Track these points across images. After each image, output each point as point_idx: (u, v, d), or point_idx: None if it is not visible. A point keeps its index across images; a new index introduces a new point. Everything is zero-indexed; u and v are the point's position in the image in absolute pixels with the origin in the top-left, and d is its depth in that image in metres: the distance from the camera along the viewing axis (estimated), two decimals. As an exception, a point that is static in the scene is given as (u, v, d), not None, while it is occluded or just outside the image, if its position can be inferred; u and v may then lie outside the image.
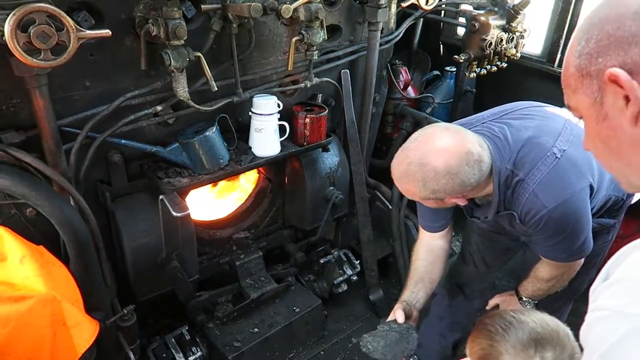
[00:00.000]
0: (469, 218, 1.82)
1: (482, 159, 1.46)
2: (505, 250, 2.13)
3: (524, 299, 1.89)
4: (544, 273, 1.77)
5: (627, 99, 0.74)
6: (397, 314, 1.78)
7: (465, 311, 2.31)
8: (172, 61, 1.66)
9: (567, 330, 1.10)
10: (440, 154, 1.42)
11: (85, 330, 1.37)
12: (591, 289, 0.73)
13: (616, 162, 0.84)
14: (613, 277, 0.70)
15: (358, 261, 2.91)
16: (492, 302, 2.05)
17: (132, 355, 1.78)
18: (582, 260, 1.69)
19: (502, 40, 2.69)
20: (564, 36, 2.81)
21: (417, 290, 1.88)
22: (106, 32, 1.35)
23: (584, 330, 0.70)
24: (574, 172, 1.51)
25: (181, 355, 2.23)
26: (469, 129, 1.55)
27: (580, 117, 0.86)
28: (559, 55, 2.87)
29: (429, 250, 1.94)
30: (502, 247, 2.12)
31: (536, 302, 1.88)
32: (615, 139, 0.80)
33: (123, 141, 1.83)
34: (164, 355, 2.22)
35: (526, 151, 1.54)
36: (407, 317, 1.79)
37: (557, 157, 1.51)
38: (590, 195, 1.56)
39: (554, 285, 1.79)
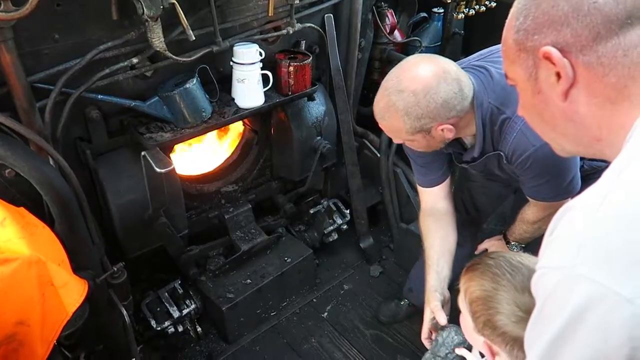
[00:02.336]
0: (459, 165, 1.80)
1: (461, 78, 1.44)
2: (497, 196, 2.13)
3: (512, 242, 1.91)
4: (530, 215, 1.79)
5: (558, 75, 0.80)
6: (439, 316, 1.69)
7: (456, 256, 2.34)
8: (144, 9, 1.57)
9: None
10: (416, 78, 1.41)
11: (73, 290, 1.36)
12: (543, 242, 0.76)
13: (551, 132, 0.92)
14: (551, 236, 0.75)
15: (348, 210, 2.92)
16: (481, 247, 2.07)
17: (124, 311, 1.80)
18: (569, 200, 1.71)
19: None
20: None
21: (441, 269, 1.84)
22: (70, -21, 1.26)
23: (532, 286, 0.75)
24: None
25: (175, 308, 2.26)
26: None
27: (516, 86, 0.93)
28: None
29: (437, 220, 1.90)
30: (493, 194, 2.13)
31: (523, 245, 1.91)
32: (548, 112, 0.87)
33: (100, 96, 1.77)
34: (158, 309, 2.25)
35: (513, 89, 1.51)
36: (443, 305, 1.75)
37: None
38: None
39: (540, 228, 1.80)
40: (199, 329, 2.43)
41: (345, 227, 2.93)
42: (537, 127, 0.95)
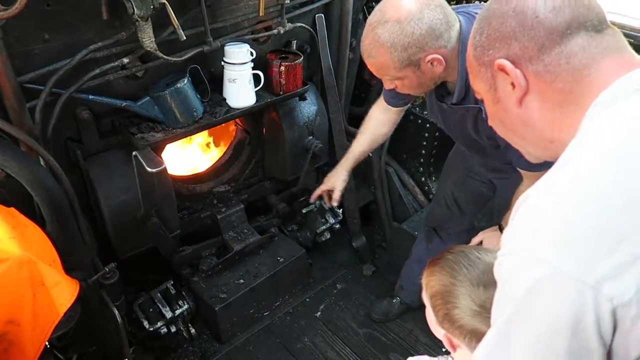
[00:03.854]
0: (439, 103, 1.73)
1: (444, 6, 1.43)
2: (478, 194, 2.15)
3: None
4: (524, 190, 1.76)
5: (513, 85, 0.89)
6: (335, 197, 2.18)
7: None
8: (135, 9, 1.57)
9: None
10: (399, 7, 1.40)
11: (65, 290, 1.36)
12: (504, 231, 0.83)
13: (513, 137, 0.99)
14: (510, 224, 0.81)
15: (340, 209, 2.93)
16: (475, 240, 2.08)
17: (117, 312, 1.79)
18: None
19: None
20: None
21: (363, 142, 2.13)
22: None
23: (495, 273, 0.81)
24: None
25: (168, 309, 2.26)
26: None
27: (482, 99, 1.00)
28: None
29: (384, 110, 2.04)
30: (474, 191, 2.15)
31: None
32: (508, 119, 0.96)
33: (91, 97, 1.76)
34: (151, 310, 2.24)
35: None
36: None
37: None
38: None
39: None
40: (192, 330, 2.43)
41: (337, 226, 2.93)
42: (503, 134, 1.02)
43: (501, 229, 1.95)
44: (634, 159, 0.72)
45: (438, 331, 1.18)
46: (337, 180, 2.19)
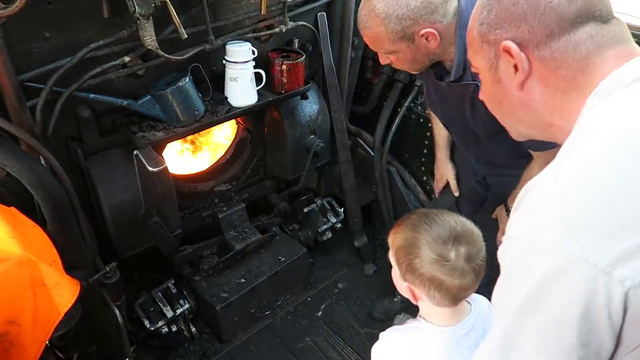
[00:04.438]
0: (439, 82, 1.73)
1: None
2: (475, 194, 2.14)
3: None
4: (536, 170, 1.74)
5: (516, 67, 0.89)
6: (454, 185, 2.23)
7: None
8: (136, 7, 1.56)
9: (480, 232, 1.21)
10: None
11: (65, 290, 1.35)
12: (509, 217, 0.86)
13: (508, 118, 1.01)
14: (516, 211, 0.83)
15: (342, 209, 2.92)
16: None
17: (117, 311, 1.79)
18: None
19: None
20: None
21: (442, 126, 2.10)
22: (59, -24, 1.25)
23: (499, 256, 0.83)
24: None
25: (169, 308, 2.25)
26: None
27: (479, 74, 1.01)
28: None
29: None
30: (471, 190, 2.15)
31: None
32: (506, 100, 0.96)
33: (91, 95, 1.75)
34: (152, 309, 2.24)
35: None
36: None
37: None
38: None
39: None
40: (193, 329, 2.42)
41: (339, 225, 2.92)
42: (496, 112, 1.03)
43: (506, 206, 1.95)
44: (633, 146, 0.74)
45: (402, 286, 1.25)
46: (446, 171, 2.26)
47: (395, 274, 1.26)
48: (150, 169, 1.74)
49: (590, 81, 0.84)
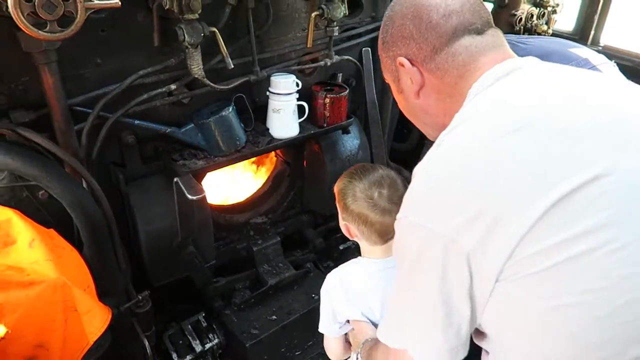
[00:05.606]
0: None
1: None
2: None
3: None
4: None
5: (411, 79, 1.07)
6: None
7: None
8: (186, 36, 1.58)
9: (404, 182, 1.38)
10: None
11: (96, 318, 1.31)
12: None
13: (417, 122, 1.18)
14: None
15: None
16: None
17: (146, 342, 1.73)
18: None
19: (532, 15, 2.55)
20: (598, 11, 2.65)
21: None
22: (115, 2, 1.26)
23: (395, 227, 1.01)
24: None
25: (198, 342, 2.19)
26: None
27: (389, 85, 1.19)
28: (592, 32, 2.71)
29: None
30: None
31: None
32: (409, 106, 1.14)
33: (136, 122, 1.76)
34: (180, 342, 2.18)
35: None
36: None
37: None
38: None
39: None
40: (220, 365, 2.34)
41: (375, 265, 2.82)
42: (410, 118, 1.20)
43: None
44: (483, 136, 0.88)
45: (341, 224, 1.47)
46: None
47: (340, 219, 1.47)
48: (189, 197, 1.71)
49: (469, 84, 0.99)
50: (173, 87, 1.79)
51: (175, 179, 1.79)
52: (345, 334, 1.62)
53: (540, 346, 0.84)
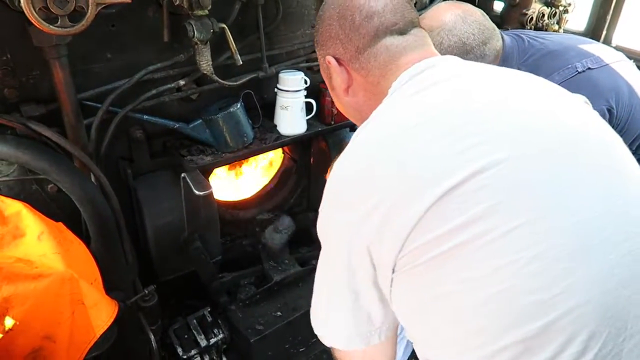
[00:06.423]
0: None
1: (485, 24, 1.45)
2: None
3: None
4: None
5: (339, 78, 1.09)
6: None
7: None
8: (195, 32, 1.59)
9: None
10: (434, 17, 1.45)
11: (103, 311, 1.33)
12: None
13: (352, 118, 1.19)
14: None
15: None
16: None
17: (152, 336, 1.75)
18: None
19: (544, 15, 2.53)
20: (610, 11, 2.63)
21: None
22: (126, -2, 1.27)
23: None
24: (589, 89, 1.36)
25: (203, 337, 2.20)
26: None
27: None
28: (604, 32, 2.68)
29: None
30: None
31: None
32: (340, 103, 1.18)
33: (145, 117, 1.77)
34: (186, 336, 2.19)
35: (546, 60, 1.56)
36: None
37: (577, 71, 1.47)
38: (610, 121, 1.47)
39: None
40: (224, 360, 2.35)
41: (380, 263, 2.82)
42: (344, 114, 1.22)
43: None
44: (389, 130, 0.92)
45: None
46: None
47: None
48: (196, 192, 1.72)
49: (388, 84, 1.01)
50: (182, 82, 1.80)
51: (182, 175, 1.80)
52: None
53: (436, 334, 0.89)
